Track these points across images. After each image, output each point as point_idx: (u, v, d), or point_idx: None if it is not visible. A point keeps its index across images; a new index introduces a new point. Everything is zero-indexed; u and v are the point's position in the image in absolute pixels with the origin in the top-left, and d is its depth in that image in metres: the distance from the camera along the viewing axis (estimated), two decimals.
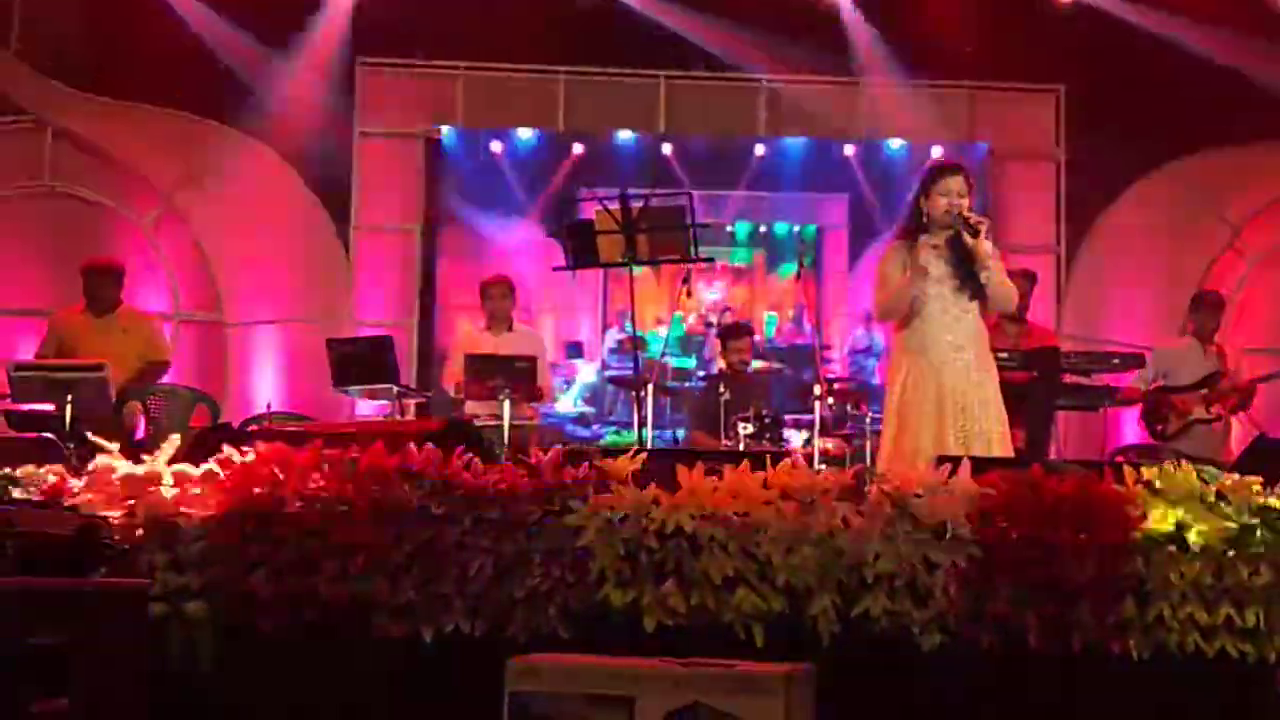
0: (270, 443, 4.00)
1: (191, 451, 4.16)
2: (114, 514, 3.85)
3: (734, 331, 8.54)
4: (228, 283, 9.98)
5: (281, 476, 3.84)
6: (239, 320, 9.99)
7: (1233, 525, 3.75)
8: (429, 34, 9.86)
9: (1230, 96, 9.23)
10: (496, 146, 10.25)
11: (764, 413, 7.43)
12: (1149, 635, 3.70)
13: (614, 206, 6.08)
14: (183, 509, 3.87)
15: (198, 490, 3.91)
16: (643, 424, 7.05)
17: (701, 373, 9.27)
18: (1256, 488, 3.83)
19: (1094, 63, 9.70)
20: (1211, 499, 3.78)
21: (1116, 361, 7.39)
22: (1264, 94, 9.34)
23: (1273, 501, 3.80)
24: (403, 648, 3.76)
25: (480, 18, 9.59)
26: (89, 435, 4.42)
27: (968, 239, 5.07)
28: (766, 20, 9.68)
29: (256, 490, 3.83)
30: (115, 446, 4.15)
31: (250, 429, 5.79)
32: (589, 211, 6.33)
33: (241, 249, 9.98)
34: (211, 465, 3.96)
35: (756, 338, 9.30)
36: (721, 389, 7.64)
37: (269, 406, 8.46)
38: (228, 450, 3.98)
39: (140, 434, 7.38)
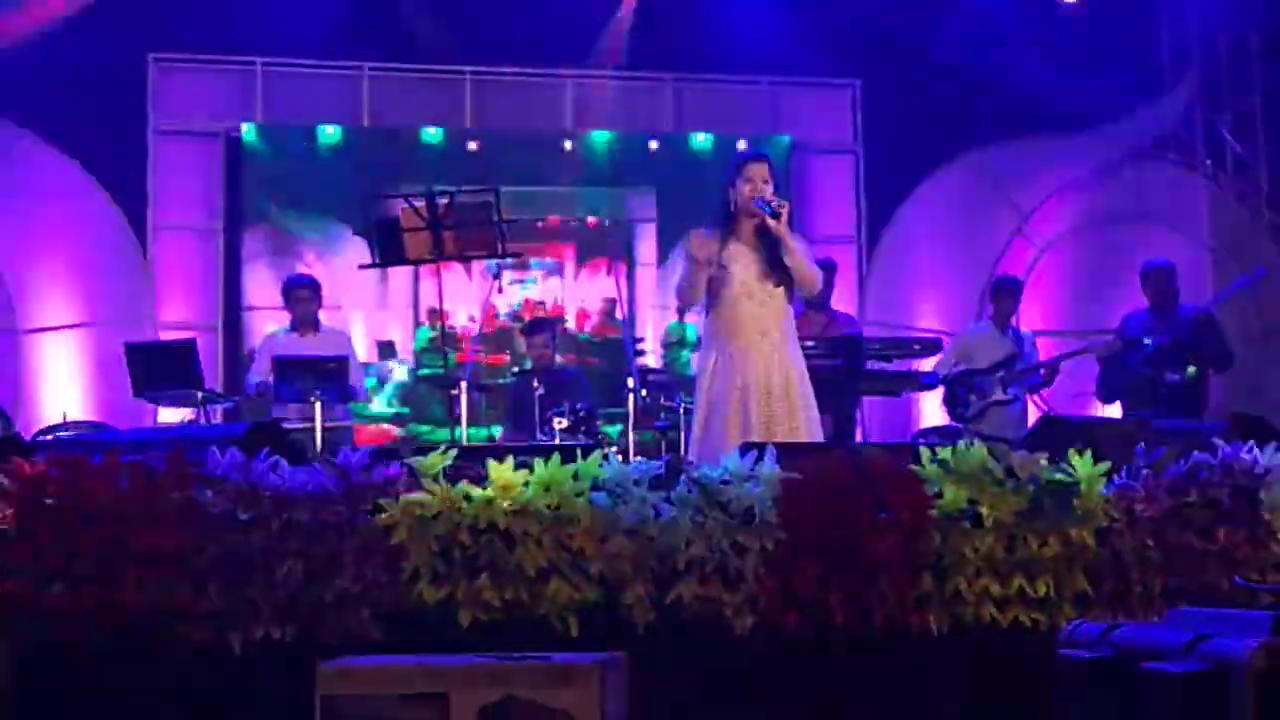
0: (64, 452, 3.86)
1: None
2: None
3: (532, 328, 8.60)
4: (18, 287, 9.55)
5: (75, 487, 3.70)
6: (31, 326, 9.57)
7: (1022, 500, 3.93)
8: (225, 29, 9.59)
9: (1016, 92, 9.62)
10: (300, 144, 10.05)
11: (578, 407, 7.46)
12: (947, 609, 3.86)
13: (420, 203, 6.02)
14: None
15: None
16: (456, 422, 7.01)
17: (515, 369, 9.26)
18: (1044, 463, 4.02)
19: (888, 58, 10.00)
20: (1001, 476, 3.95)
21: (917, 347, 7.61)
22: (1049, 87, 9.78)
23: (1059, 476, 4.00)
24: (210, 657, 3.68)
25: (279, 12, 9.36)
26: None
27: (770, 221, 5.18)
28: (568, 16, 9.71)
29: (49, 501, 3.69)
30: None
31: (44, 439, 5.57)
32: (397, 209, 6.26)
33: (31, 252, 9.55)
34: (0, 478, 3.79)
35: (569, 328, 9.34)
36: (536, 385, 7.65)
37: (64, 416, 8.13)
38: (17, 463, 3.81)
39: None
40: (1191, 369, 7.40)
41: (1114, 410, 7.86)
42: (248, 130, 9.94)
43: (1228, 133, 10.45)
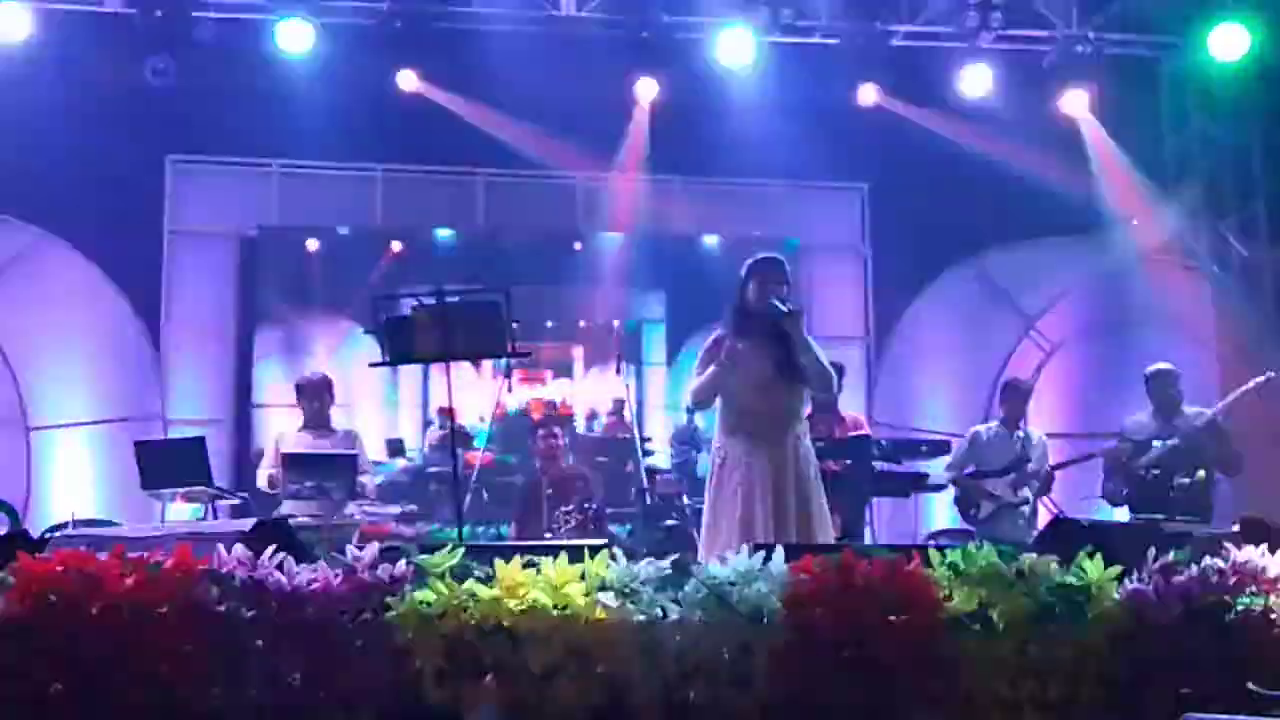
0: (70, 549, 3.84)
1: None
2: None
3: (542, 424, 8.61)
4: (30, 384, 9.60)
5: (81, 584, 3.68)
6: (43, 424, 9.60)
7: (1033, 603, 3.90)
8: (242, 132, 9.74)
9: (1022, 194, 9.71)
10: (313, 244, 10.16)
11: (586, 505, 7.44)
12: (958, 713, 3.80)
13: (430, 303, 6.07)
14: None
15: None
16: (464, 519, 6.98)
17: (525, 467, 9.25)
18: (1054, 566, 3.99)
19: (895, 162, 10.12)
20: (1012, 579, 3.92)
21: (925, 449, 7.60)
22: (1053, 193, 9.87)
23: (1069, 579, 3.96)
24: None
25: (294, 115, 9.52)
26: None
27: (785, 321, 5.22)
28: (580, 121, 9.85)
29: (53, 599, 3.66)
30: None
31: (51, 536, 5.54)
32: (407, 308, 6.31)
33: (45, 349, 9.64)
34: (4, 575, 3.77)
35: (576, 428, 9.32)
36: (544, 483, 7.64)
37: (73, 514, 8.12)
38: (23, 559, 3.80)
39: None
40: (1200, 472, 7.38)
41: (1121, 513, 7.82)
42: (262, 230, 10.06)
43: (1232, 236, 10.52)
